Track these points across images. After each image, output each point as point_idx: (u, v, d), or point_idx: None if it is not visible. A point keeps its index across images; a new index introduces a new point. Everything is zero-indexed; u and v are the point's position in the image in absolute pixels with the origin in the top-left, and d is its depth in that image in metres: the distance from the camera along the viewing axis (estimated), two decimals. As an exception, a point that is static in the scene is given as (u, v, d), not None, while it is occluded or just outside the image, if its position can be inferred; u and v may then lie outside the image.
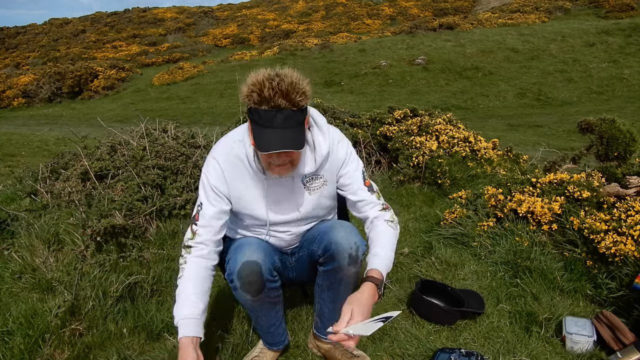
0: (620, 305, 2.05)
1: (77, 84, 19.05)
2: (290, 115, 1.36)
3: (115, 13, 40.16)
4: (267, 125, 1.35)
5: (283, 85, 1.33)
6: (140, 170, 3.14)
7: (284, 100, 1.34)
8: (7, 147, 8.71)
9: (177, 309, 1.51)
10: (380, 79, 15.90)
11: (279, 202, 1.62)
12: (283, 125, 1.35)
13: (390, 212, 1.68)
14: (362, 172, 1.66)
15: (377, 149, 4.46)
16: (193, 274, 1.55)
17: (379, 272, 1.51)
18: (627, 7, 21.44)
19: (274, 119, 1.35)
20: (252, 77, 1.37)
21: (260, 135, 1.37)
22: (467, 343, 1.90)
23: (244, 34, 29.72)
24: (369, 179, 1.68)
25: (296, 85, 1.35)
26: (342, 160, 1.62)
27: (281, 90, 1.33)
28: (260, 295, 1.62)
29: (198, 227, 1.58)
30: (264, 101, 1.33)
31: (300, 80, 1.38)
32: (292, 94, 1.34)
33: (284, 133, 1.36)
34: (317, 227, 1.70)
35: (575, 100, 13.72)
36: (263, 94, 1.33)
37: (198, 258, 1.57)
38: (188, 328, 1.47)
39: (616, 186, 2.63)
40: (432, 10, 29.71)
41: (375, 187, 1.69)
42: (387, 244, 1.58)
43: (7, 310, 2.09)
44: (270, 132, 1.36)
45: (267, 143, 1.37)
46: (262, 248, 1.61)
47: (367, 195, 1.65)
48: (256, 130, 1.38)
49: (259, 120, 1.36)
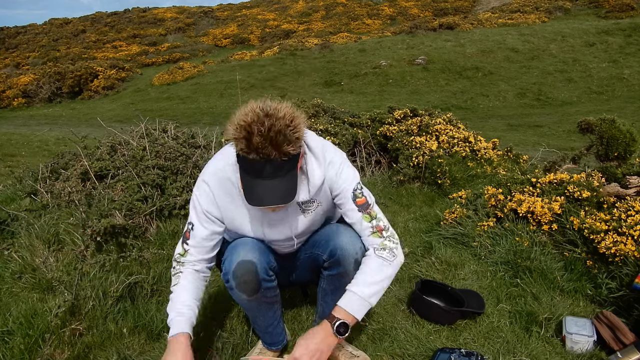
0: (620, 305, 2.05)
1: (77, 84, 19.06)
2: (280, 165, 1.27)
3: (115, 13, 40.16)
4: (255, 176, 1.28)
5: (273, 132, 1.22)
6: (140, 170, 3.14)
7: (274, 151, 1.23)
8: (7, 147, 8.71)
9: (170, 309, 1.55)
10: (380, 79, 15.91)
11: (273, 225, 1.60)
12: (273, 175, 1.27)
13: (381, 239, 1.55)
14: (353, 191, 1.54)
15: (377, 149, 4.47)
16: (187, 283, 1.58)
17: (341, 310, 1.47)
18: (627, 7, 21.45)
19: (263, 170, 1.26)
20: (240, 116, 1.26)
21: (249, 186, 1.30)
22: (467, 343, 1.90)
23: (244, 34, 29.73)
24: (364, 196, 1.56)
25: (288, 130, 1.24)
26: (332, 181, 1.53)
27: (271, 139, 1.22)
28: (257, 295, 1.62)
29: (190, 246, 1.59)
30: (252, 150, 1.24)
31: (294, 121, 1.26)
32: (284, 143, 1.24)
33: (273, 185, 1.28)
34: (321, 231, 1.69)
35: (575, 100, 13.72)
36: (251, 142, 1.22)
37: (193, 272, 1.60)
38: (179, 326, 1.49)
39: (616, 186, 2.63)
40: (432, 10, 29.71)
41: (370, 205, 1.57)
42: (362, 277, 1.50)
43: (7, 310, 2.09)
44: (259, 184, 1.28)
45: (256, 197, 1.30)
46: (258, 247, 1.60)
47: (356, 217, 1.56)
48: (244, 178, 1.31)
49: (247, 168, 1.29)
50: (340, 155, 1.57)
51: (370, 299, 1.50)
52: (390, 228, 1.60)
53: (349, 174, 1.55)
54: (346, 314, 1.47)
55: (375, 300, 1.51)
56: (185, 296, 1.56)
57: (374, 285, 1.50)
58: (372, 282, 1.50)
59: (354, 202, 1.55)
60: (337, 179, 1.53)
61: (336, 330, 1.46)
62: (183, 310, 1.53)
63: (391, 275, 1.54)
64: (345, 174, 1.54)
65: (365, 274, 1.52)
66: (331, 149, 1.56)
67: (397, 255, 1.56)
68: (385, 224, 1.59)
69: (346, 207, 1.56)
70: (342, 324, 1.46)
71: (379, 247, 1.55)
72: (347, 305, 1.48)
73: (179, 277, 1.59)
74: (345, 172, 1.54)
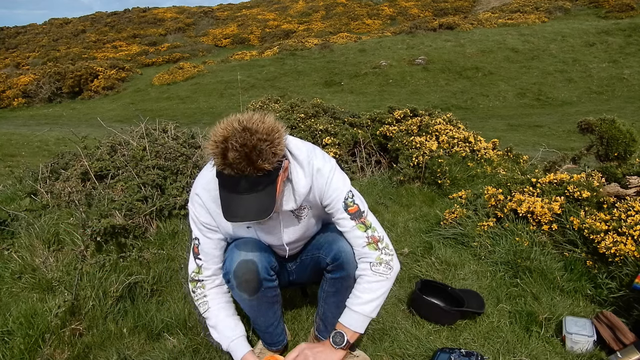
0: (620, 305, 2.05)
1: (77, 84, 19.05)
2: (256, 180, 1.25)
3: (115, 13, 40.15)
4: (231, 191, 1.27)
5: (248, 147, 1.21)
6: (140, 170, 3.14)
7: (247, 167, 1.22)
8: (7, 147, 8.71)
9: (221, 336, 1.60)
10: (380, 79, 15.91)
11: (268, 232, 1.61)
12: (249, 191, 1.26)
13: (377, 252, 1.53)
14: (344, 200, 1.51)
15: (377, 149, 4.46)
16: (219, 303, 1.63)
17: (349, 330, 1.54)
18: (627, 7, 21.44)
19: (238, 185, 1.25)
20: (218, 130, 1.26)
21: (225, 201, 1.30)
22: (467, 343, 1.90)
23: (244, 34, 29.72)
24: (356, 204, 1.53)
25: (264, 145, 1.23)
26: (321, 190, 1.51)
27: (246, 154, 1.21)
28: (258, 294, 1.62)
29: (202, 262, 1.61)
30: (227, 165, 1.23)
31: (271, 137, 1.25)
32: (258, 158, 1.22)
33: (250, 200, 1.27)
34: (323, 234, 1.69)
35: (575, 100, 13.72)
36: (227, 158, 1.22)
37: (215, 288, 1.64)
38: (243, 346, 1.59)
39: (616, 186, 2.63)
40: (432, 10, 29.70)
41: (363, 212, 1.54)
42: (363, 296, 1.53)
43: (7, 310, 2.09)
44: (235, 199, 1.28)
45: (231, 212, 1.29)
46: (259, 247, 1.60)
47: (349, 226, 1.53)
48: (221, 192, 1.31)
49: (223, 183, 1.29)
50: (329, 163, 1.52)
51: (372, 314, 1.55)
52: (385, 237, 1.58)
53: (338, 183, 1.52)
54: (352, 332, 1.54)
55: (376, 314, 1.56)
56: (225, 319, 1.61)
57: (375, 301, 1.54)
58: (371, 299, 1.54)
59: (345, 211, 1.52)
60: (327, 189, 1.51)
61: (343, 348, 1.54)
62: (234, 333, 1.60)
63: (389, 287, 1.57)
64: (335, 183, 1.51)
65: (364, 291, 1.54)
66: (319, 157, 1.52)
67: (393, 267, 1.56)
68: (380, 234, 1.56)
69: (337, 216, 1.54)
70: (347, 343, 1.53)
71: (376, 261, 1.53)
72: (351, 324, 1.54)
73: (207, 303, 1.62)
74: (335, 181, 1.51)
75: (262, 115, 1.30)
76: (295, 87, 15.88)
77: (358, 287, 1.56)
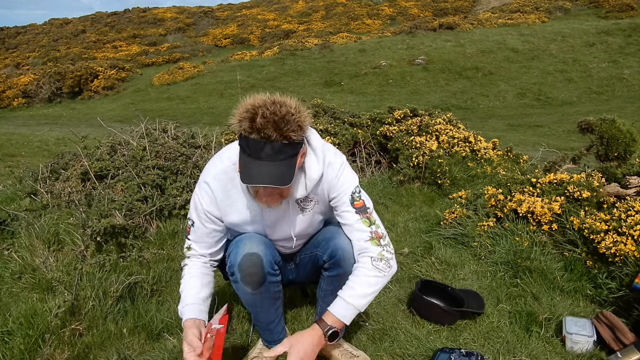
0: (620, 305, 2.05)
1: (77, 84, 19.05)
2: (280, 148, 1.28)
3: (115, 13, 40.16)
4: (254, 156, 1.29)
5: (277, 115, 1.26)
6: (140, 170, 3.14)
7: (274, 132, 1.26)
8: (7, 147, 8.71)
9: (181, 300, 1.59)
10: (380, 79, 15.91)
11: (274, 224, 1.61)
12: (271, 158, 1.28)
13: (379, 249, 1.53)
14: (351, 194, 1.53)
15: (377, 149, 4.47)
16: (194, 272, 1.63)
17: (334, 318, 1.50)
18: (627, 7, 21.44)
19: (261, 151, 1.28)
20: (248, 101, 1.30)
21: (246, 166, 1.31)
22: (467, 343, 1.90)
23: (244, 34, 29.72)
24: (362, 199, 1.55)
25: (292, 117, 1.28)
26: (331, 183, 1.54)
27: (274, 120, 1.25)
28: (261, 289, 1.62)
29: (191, 241, 1.63)
30: (254, 130, 1.26)
31: (299, 112, 1.30)
32: (285, 126, 1.27)
33: (270, 167, 1.29)
34: (321, 233, 1.70)
35: (575, 100, 13.73)
36: (254, 122, 1.26)
37: (198, 262, 1.65)
38: (191, 312, 1.54)
39: (616, 186, 2.63)
40: (432, 10, 29.71)
41: (368, 209, 1.56)
42: (359, 288, 1.51)
43: (7, 310, 2.09)
44: (256, 165, 1.29)
45: (249, 175, 1.30)
46: (263, 241, 1.61)
47: (353, 219, 1.54)
48: (242, 159, 1.33)
49: (246, 149, 1.30)
50: (340, 158, 1.56)
51: (362, 308, 1.53)
52: (387, 236, 1.58)
53: (347, 177, 1.55)
54: (338, 321, 1.51)
55: (365, 307, 1.54)
56: (192, 288, 1.60)
57: (369, 296, 1.52)
58: (366, 293, 1.52)
59: (351, 205, 1.54)
60: (336, 182, 1.53)
61: (328, 336, 1.51)
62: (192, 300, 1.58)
63: (384, 285, 1.56)
64: (344, 177, 1.54)
65: (360, 285, 1.52)
66: (332, 151, 1.56)
67: (392, 266, 1.55)
68: (383, 231, 1.57)
69: (342, 208, 1.55)
70: (334, 332, 1.51)
71: (377, 257, 1.53)
72: (340, 313, 1.51)
73: (184, 270, 1.65)
74: (345, 175, 1.54)
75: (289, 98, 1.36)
76: (295, 87, 15.88)
77: (354, 279, 1.53)
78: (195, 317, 1.53)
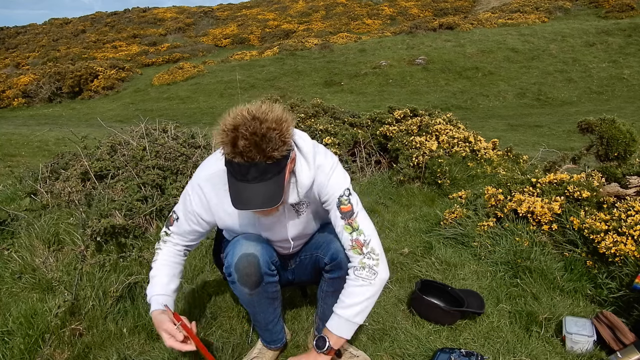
0: (620, 305, 2.05)
1: (77, 84, 19.03)
2: (265, 168, 1.25)
3: (115, 13, 40.14)
4: (241, 179, 1.27)
5: (258, 135, 1.21)
6: (140, 170, 3.14)
7: (258, 154, 1.22)
8: (7, 147, 8.69)
9: (151, 288, 1.61)
10: (380, 79, 15.91)
11: (269, 228, 1.61)
12: (258, 179, 1.26)
13: (360, 257, 1.50)
14: (339, 197, 1.50)
15: (377, 149, 4.47)
16: (167, 260, 1.65)
17: (330, 333, 1.52)
18: (627, 7, 21.42)
19: (247, 173, 1.25)
20: (227, 119, 1.25)
21: (234, 189, 1.29)
22: (467, 343, 1.90)
23: (244, 34, 29.71)
24: (350, 203, 1.51)
25: (273, 134, 1.23)
26: (320, 186, 1.51)
27: (255, 142, 1.21)
28: (258, 289, 1.62)
29: (172, 232, 1.65)
30: (237, 154, 1.23)
31: (280, 125, 1.25)
32: (268, 146, 1.23)
33: (258, 188, 1.27)
34: (322, 234, 1.69)
35: (575, 100, 13.73)
36: (237, 146, 1.22)
37: (173, 249, 1.66)
38: (158, 304, 1.57)
39: (616, 186, 2.63)
40: (432, 10, 29.70)
41: (354, 213, 1.51)
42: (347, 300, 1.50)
43: (7, 310, 2.09)
44: (244, 188, 1.27)
45: (239, 200, 1.29)
46: (260, 241, 1.61)
47: (339, 225, 1.52)
48: (230, 181, 1.30)
49: (232, 171, 1.28)
50: (331, 160, 1.53)
51: (355, 319, 1.51)
52: (372, 241, 1.52)
53: (338, 180, 1.51)
54: (335, 337, 1.52)
55: (361, 320, 1.53)
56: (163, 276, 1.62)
57: (357, 305, 1.50)
58: (353, 303, 1.50)
59: (338, 209, 1.51)
60: (326, 184, 1.50)
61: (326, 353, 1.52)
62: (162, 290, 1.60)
63: (374, 293, 1.52)
64: (335, 179, 1.51)
65: (347, 295, 1.52)
66: (322, 152, 1.52)
67: (378, 272, 1.50)
68: (366, 238, 1.51)
69: (331, 212, 1.53)
70: (330, 348, 1.52)
71: (358, 266, 1.50)
72: (334, 328, 1.52)
73: (158, 255, 1.66)
74: (335, 177, 1.51)
75: (270, 105, 1.30)
76: (295, 87, 15.88)
77: (343, 291, 1.54)
78: (164, 309, 1.57)
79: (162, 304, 1.56)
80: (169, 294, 1.60)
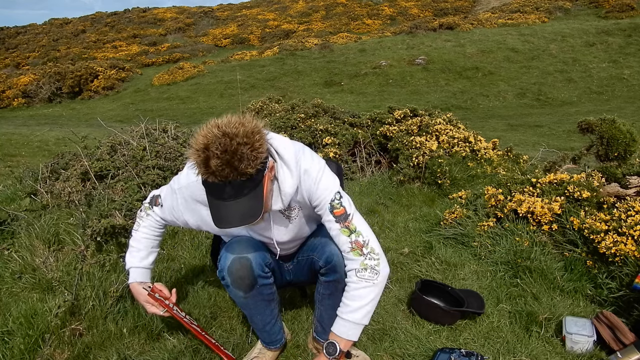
0: (620, 305, 2.05)
1: (77, 84, 19.04)
2: (240, 185, 1.25)
3: (115, 13, 40.15)
4: (217, 197, 1.27)
5: (228, 153, 1.20)
6: (140, 170, 3.14)
7: (230, 173, 1.22)
8: (7, 147, 8.69)
9: (130, 257, 1.75)
10: (380, 79, 15.91)
11: (260, 233, 1.61)
12: (234, 197, 1.26)
13: (362, 258, 1.49)
14: (330, 201, 1.49)
15: (377, 149, 4.47)
16: (149, 234, 1.75)
17: (342, 339, 1.52)
18: (627, 7, 21.42)
19: (223, 192, 1.25)
20: (198, 138, 1.25)
21: (213, 207, 1.29)
22: (467, 343, 1.90)
23: (244, 34, 29.72)
24: (343, 206, 1.49)
25: (245, 149, 1.22)
26: (309, 191, 1.50)
27: (227, 160, 1.20)
28: (253, 292, 1.62)
29: (153, 211, 1.72)
30: (210, 174, 1.22)
31: (253, 138, 1.24)
32: (240, 163, 1.21)
33: (236, 205, 1.27)
34: (317, 236, 1.69)
35: (575, 100, 13.73)
36: (209, 166, 1.21)
37: (155, 223, 1.74)
38: (137, 275, 1.73)
39: (616, 186, 2.63)
40: (432, 10, 29.72)
41: (349, 215, 1.50)
42: (352, 303, 1.50)
43: (7, 310, 2.09)
44: (222, 206, 1.27)
45: (219, 218, 1.29)
46: (253, 244, 1.60)
47: (335, 229, 1.50)
48: (208, 199, 1.30)
49: (208, 190, 1.28)
50: (318, 164, 1.51)
51: (362, 321, 1.52)
52: (371, 241, 1.52)
53: (327, 184, 1.49)
54: (345, 341, 1.52)
55: (367, 320, 1.53)
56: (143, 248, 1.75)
57: (364, 307, 1.50)
58: (360, 306, 1.50)
59: (331, 213, 1.49)
60: (315, 190, 1.49)
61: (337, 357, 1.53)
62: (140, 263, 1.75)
63: (379, 293, 1.52)
64: (324, 184, 1.49)
65: (352, 299, 1.51)
66: (308, 157, 1.50)
67: (380, 271, 1.50)
68: (364, 238, 1.51)
69: (324, 217, 1.52)
70: (340, 352, 1.52)
71: (360, 267, 1.49)
72: (343, 332, 1.52)
73: (140, 225, 1.75)
74: (324, 181, 1.49)
75: (240, 117, 1.29)
76: (295, 87, 15.89)
77: (346, 294, 1.53)
78: (142, 281, 1.74)
79: (140, 277, 1.73)
80: (146, 266, 1.76)
